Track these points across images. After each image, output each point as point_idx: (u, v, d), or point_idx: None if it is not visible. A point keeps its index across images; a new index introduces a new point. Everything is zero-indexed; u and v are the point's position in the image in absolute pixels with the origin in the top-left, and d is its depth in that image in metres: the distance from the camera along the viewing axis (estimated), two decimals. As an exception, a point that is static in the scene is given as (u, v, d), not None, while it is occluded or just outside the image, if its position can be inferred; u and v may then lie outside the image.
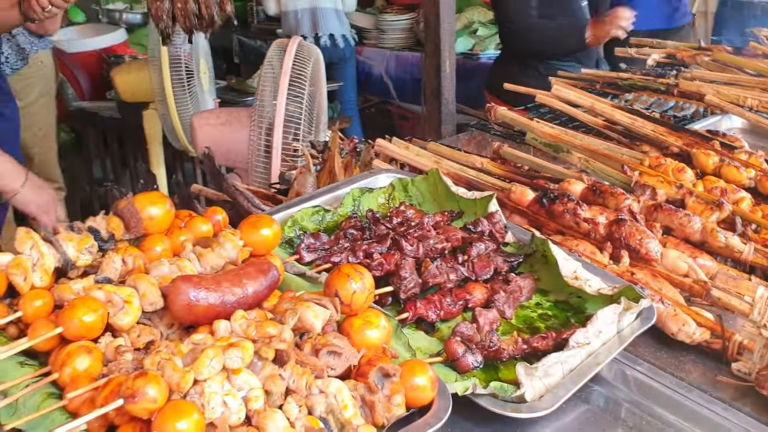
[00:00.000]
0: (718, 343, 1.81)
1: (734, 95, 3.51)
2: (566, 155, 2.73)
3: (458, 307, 1.75)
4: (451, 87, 4.46)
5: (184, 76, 5.45)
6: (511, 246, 2.03)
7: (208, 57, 5.83)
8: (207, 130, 5.01)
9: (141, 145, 5.98)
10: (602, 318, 1.67)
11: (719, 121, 3.48)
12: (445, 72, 4.46)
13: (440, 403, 1.39)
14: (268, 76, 4.65)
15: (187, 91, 5.52)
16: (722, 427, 1.56)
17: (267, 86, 4.64)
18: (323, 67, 4.79)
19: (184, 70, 5.46)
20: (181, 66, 5.40)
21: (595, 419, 1.62)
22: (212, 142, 4.98)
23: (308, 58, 4.68)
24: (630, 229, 2.07)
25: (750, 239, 2.14)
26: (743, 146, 2.71)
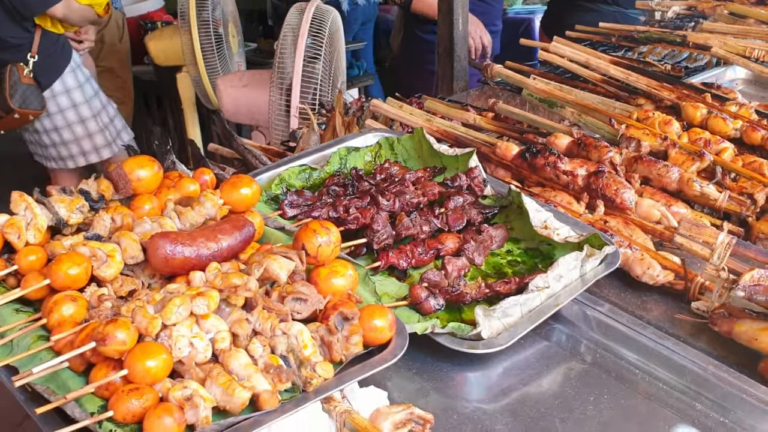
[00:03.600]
0: (681, 284, 1.91)
1: (741, 46, 3.52)
2: (560, 110, 2.80)
3: (430, 256, 1.87)
4: (464, 44, 4.50)
5: (213, 40, 5.62)
6: (490, 199, 2.14)
7: (236, 21, 6.00)
8: (231, 92, 5.23)
9: (177, 106, 6.24)
10: (563, 264, 1.77)
11: (723, 72, 3.50)
12: (458, 30, 4.50)
13: (397, 341, 1.52)
14: (287, 38, 4.78)
15: (216, 54, 5.70)
16: (671, 361, 1.66)
17: (287, 48, 4.77)
18: (341, 29, 4.89)
19: (212, 35, 5.63)
20: (209, 30, 5.57)
21: (554, 354, 1.73)
22: (236, 102, 5.21)
23: (326, 20, 4.79)
24: (607, 181, 2.16)
25: (727, 188, 2.21)
26: (736, 98, 2.75)
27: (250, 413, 1.32)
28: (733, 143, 2.44)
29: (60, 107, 4.23)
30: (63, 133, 4.31)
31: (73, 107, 4.29)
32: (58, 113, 4.24)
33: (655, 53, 4.10)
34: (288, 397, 1.36)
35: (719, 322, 1.72)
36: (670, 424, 1.53)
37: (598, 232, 1.90)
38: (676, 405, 1.58)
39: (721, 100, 2.68)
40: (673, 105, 2.71)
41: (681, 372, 1.64)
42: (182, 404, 1.26)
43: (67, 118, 4.30)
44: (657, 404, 1.58)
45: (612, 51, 4.19)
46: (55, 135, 4.33)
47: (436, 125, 2.55)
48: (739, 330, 1.67)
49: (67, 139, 4.35)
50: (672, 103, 2.72)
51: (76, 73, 4.28)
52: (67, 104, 4.24)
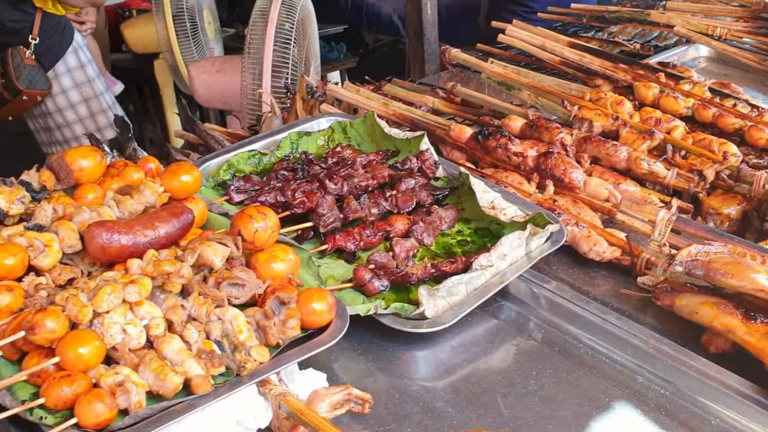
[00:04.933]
0: (628, 260, 1.93)
1: (704, 24, 3.54)
2: (518, 92, 2.81)
3: (378, 238, 1.88)
4: (433, 27, 4.53)
5: (188, 26, 5.64)
6: (442, 180, 2.15)
7: (212, 7, 6.02)
8: (204, 77, 5.28)
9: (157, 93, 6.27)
10: (506, 243, 1.78)
11: (686, 51, 3.52)
12: (427, 13, 4.52)
13: (337, 324, 1.53)
14: (258, 23, 4.79)
15: (191, 41, 5.72)
16: (614, 335, 1.67)
17: (257, 33, 4.78)
18: (312, 13, 4.91)
19: (187, 21, 5.64)
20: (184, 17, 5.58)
21: (500, 331, 1.75)
22: (209, 88, 5.23)
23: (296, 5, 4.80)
24: (556, 161, 2.17)
25: (676, 165, 2.22)
26: (691, 76, 2.76)
27: (184, 397, 1.32)
28: (685, 121, 2.45)
29: (63, 87, 4.26)
30: (67, 114, 4.33)
31: (76, 87, 4.33)
32: (61, 93, 4.26)
33: (625, 33, 4.12)
34: (222, 381, 1.37)
35: (662, 297, 1.73)
36: (610, 396, 1.55)
37: (542, 211, 1.92)
38: (618, 378, 1.60)
39: (676, 78, 2.70)
40: (629, 85, 2.72)
41: (623, 346, 1.66)
42: (114, 390, 1.27)
43: (71, 99, 4.32)
44: (599, 377, 1.60)
45: (583, 32, 4.22)
46: (59, 116, 4.35)
47: (393, 109, 2.55)
48: (680, 304, 1.69)
49: (71, 119, 4.37)
50: (627, 84, 2.73)
51: (78, 54, 4.31)
52: (69, 84, 4.27)
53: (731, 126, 2.37)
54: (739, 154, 2.22)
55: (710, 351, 1.65)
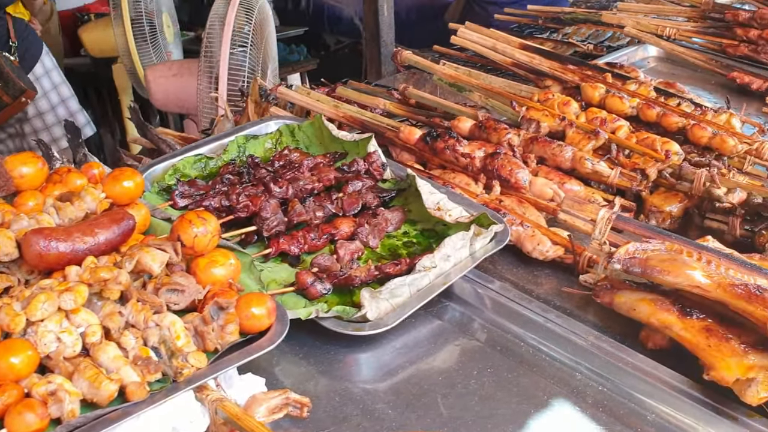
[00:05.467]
0: (571, 259, 1.95)
1: (654, 25, 3.60)
2: (469, 94, 2.83)
3: (323, 241, 1.89)
4: (390, 29, 4.55)
5: (147, 30, 5.61)
6: (390, 182, 2.16)
7: (171, 11, 5.99)
8: (160, 81, 5.27)
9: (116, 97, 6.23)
10: (449, 244, 1.80)
11: (635, 51, 3.57)
12: (384, 15, 4.54)
13: (277, 328, 1.53)
14: (215, 26, 4.78)
15: (150, 45, 5.69)
16: (554, 333, 1.70)
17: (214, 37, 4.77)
18: (270, 16, 4.91)
19: (146, 25, 5.61)
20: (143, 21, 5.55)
21: (444, 332, 1.76)
22: (166, 92, 5.22)
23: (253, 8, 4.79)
24: (502, 161, 2.19)
25: (619, 164, 2.26)
26: (638, 76, 2.80)
27: (119, 405, 1.32)
28: (630, 121, 2.49)
29: (43, 89, 4.30)
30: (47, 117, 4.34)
31: (54, 88, 4.39)
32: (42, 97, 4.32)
33: (579, 34, 4.16)
34: (158, 388, 1.37)
35: (602, 294, 1.76)
36: (549, 394, 1.57)
37: (486, 212, 1.94)
38: (557, 375, 1.63)
39: (623, 79, 2.73)
40: (578, 86, 2.76)
41: (563, 343, 1.68)
42: (46, 399, 1.26)
43: (51, 100, 4.37)
44: (538, 375, 1.62)
45: (539, 33, 4.26)
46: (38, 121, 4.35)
47: (343, 111, 2.55)
48: (619, 301, 1.72)
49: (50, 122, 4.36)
50: (576, 84, 2.76)
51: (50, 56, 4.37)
52: (48, 86, 4.34)
53: (674, 125, 2.41)
54: (681, 153, 2.26)
55: (648, 347, 1.68)
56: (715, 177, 2.02)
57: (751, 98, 2.95)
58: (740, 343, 1.53)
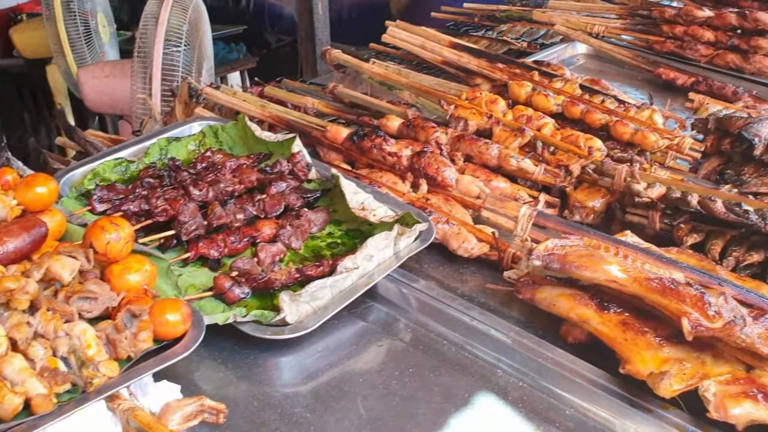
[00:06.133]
0: (496, 255, 1.96)
1: (583, 23, 3.65)
2: (399, 92, 2.82)
3: (244, 244, 1.86)
4: (325, 28, 4.53)
5: (81, 30, 5.50)
6: (315, 182, 2.14)
7: (107, 11, 5.89)
8: (93, 82, 5.19)
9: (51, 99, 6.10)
10: (372, 244, 1.79)
11: (565, 49, 3.61)
12: (318, 13, 4.52)
13: (193, 334, 1.50)
14: (148, 26, 4.70)
15: (85, 45, 5.58)
16: (476, 330, 1.70)
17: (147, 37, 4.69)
18: (205, 15, 4.86)
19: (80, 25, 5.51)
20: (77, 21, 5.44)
21: (368, 333, 1.75)
22: (99, 93, 5.13)
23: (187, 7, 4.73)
24: (428, 160, 2.19)
25: (544, 161, 2.28)
26: (564, 74, 2.83)
27: (25, 418, 1.28)
28: (556, 118, 2.52)
29: None
30: None
31: None
32: None
33: (513, 31, 4.19)
34: (67, 399, 1.33)
35: (523, 290, 1.77)
36: (470, 391, 1.57)
37: (411, 211, 1.93)
38: (479, 372, 1.63)
39: (550, 77, 2.76)
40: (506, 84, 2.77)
41: (485, 340, 1.69)
42: (-56, 415, 1.22)
43: None
44: (460, 374, 1.62)
45: (474, 31, 4.27)
46: None
47: (270, 111, 2.53)
48: (540, 297, 1.73)
49: None
50: (504, 83, 2.78)
51: None
52: None
53: (598, 122, 2.44)
54: (603, 149, 2.29)
55: (569, 341, 1.69)
56: (634, 172, 2.05)
57: (676, 93, 3.00)
58: (656, 337, 1.55)
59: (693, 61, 3.28)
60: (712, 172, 2.28)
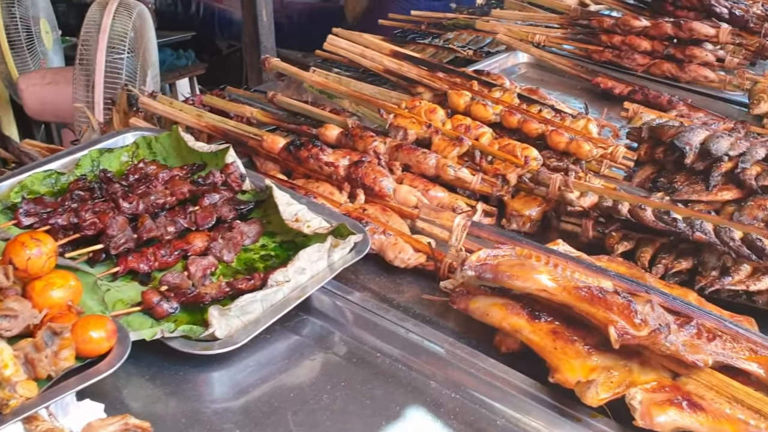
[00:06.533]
0: (433, 266, 1.96)
1: (525, 32, 3.68)
2: (339, 101, 2.82)
3: (175, 258, 1.83)
4: (270, 34, 4.50)
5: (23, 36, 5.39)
6: (249, 194, 2.11)
7: (51, 16, 5.78)
8: (35, 90, 5.12)
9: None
10: (305, 257, 1.77)
11: (507, 58, 3.64)
12: (263, 20, 4.49)
13: (117, 350, 1.47)
14: (91, 33, 4.64)
15: (27, 51, 5.47)
16: (410, 341, 1.70)
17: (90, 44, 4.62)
18: (149, 21, 4.81)
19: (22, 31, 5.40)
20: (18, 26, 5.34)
21: (301, 347, 1.73)
22: (41, 101, 5.06)
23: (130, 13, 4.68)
24: (366, 170, 2.18)
25: (482, 170, 2.29)
26: (503, 83, 2.85)
27: (-65, 443, 1.23)
28: (494, 127, 2.53)
29: None
30: None
31: None
32: None
33: (460, 39, 4.21)
34: (-19, 422, 1.29)
35: (458, 301, 1.77)
36: (402, 404, 1.56)
37: (346, 221, 1.92)
38: (412, 384, 1.62)
39: (489, 86, 2.78)
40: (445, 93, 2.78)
41: (418, 352, 1.68)
42: None
43: None
44: (393, 386, 1.61)
45: (421, 38, 4.28)
46: None
47: (206, 120, 2.49)
48: (473, 306, 1.73)
49: None
50: (444, 92, 2.79)
51: None
52: None
53: (535, 131, 2.46)
54: (539, 158, 2.31)
55: (502, 351, 1.70)
56: (568, 181, 2.07)
57: (614, 103, 3.04)
58: (584, 345, 1.56)
59: (630, 71, 3.33)
60: (646, 180, 2.32)
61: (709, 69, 3.24)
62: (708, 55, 3.23)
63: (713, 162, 2.21)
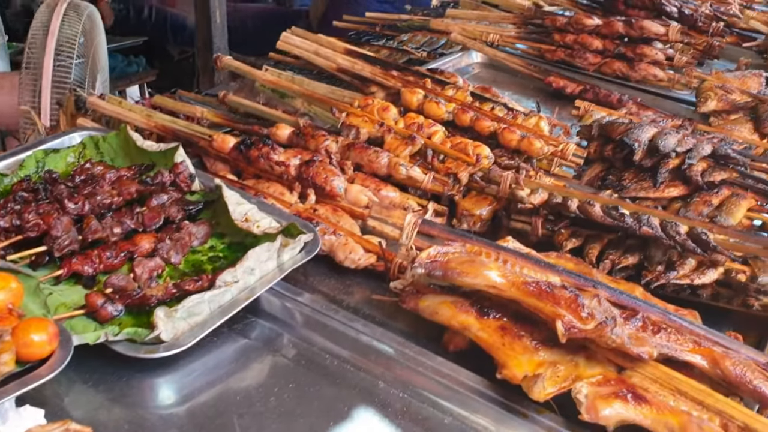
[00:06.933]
0: (383, 266, 1.95)
1: (479, 31, 3.70)
2: (291, 100, 2.80)
3: (120, 259, 1.79)
4: (223, 36, 4.46)
5: (-36, 41, 5.28)
6: (199, 194, 2.09)
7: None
8: None
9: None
10: (253, 257, 1.75)
11: (461, 58, 3.65)
12: (216, 22, 4.45)
13: (59, 354, 1.43)
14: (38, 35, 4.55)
15: (-31, 56, 5.37)
16: (359, 342, 1.69)
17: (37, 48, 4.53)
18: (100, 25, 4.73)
19: (-38, 36, 5.29)
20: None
21: (248, 350, 1.71)
22: (-18, 107, 4.88)
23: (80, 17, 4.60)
24: (317, 169, 2.17)
25: (434, 169, 2.29)
26: (456, 82, 2.86)
27: None
28: (447, 126, 2.53)
29: None
30: None
31: None
32: None
33: (414, 41, 4.21)
34: None
35: (407, 300, 1.76)
36: (350, 405, 1.55)
37: (296, 221, 1.90)
38: (361, 385, 1.61)
39: (442, 84, 2.78)
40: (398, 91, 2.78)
41: (367, 352, 1.68)
42: None
43: None
44: (342, 388, 1.60)
45: (375, 40, 4.28)
46: None
47: (155, 120, 2.46)
48: (423, 305, 1.72)
49: None
50: (397, 90, 2.78)
51: None
52: None
53: (487, 129, 2.47)
54: (491, 156, 2.31)
55: (450, 349, 1.70)
56: (519, 179, 2.07)
57: (566, 102, 3.07)
58: (532, 341, 1.57)
59: (582, 70, 3.37)
60: (595, 178, 2.34)
61: (658, 68, 3.29)
62: (658, 54, 3.28)
63: (661, 159, 2.24)
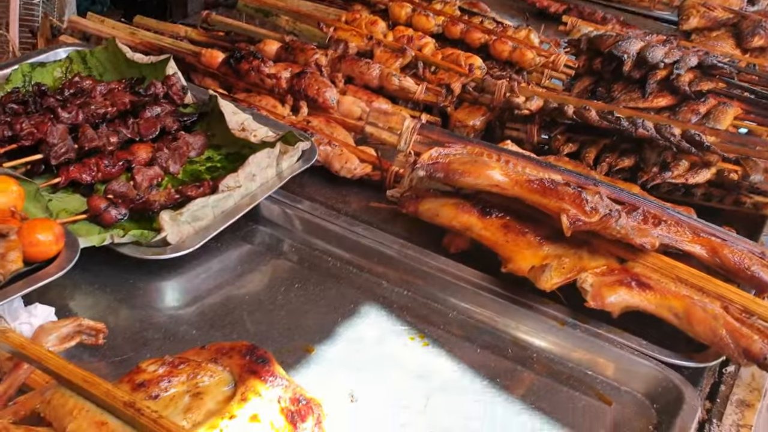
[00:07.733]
0: (379, 175, 1.96)
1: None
2: (276, 19, 2.76)
3: (118, 168, 1.77)
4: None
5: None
6: (192, 107, 2.06)
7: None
8: None
9: None
10: (254, 163, 1.75)
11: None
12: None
13: (66, 254, 1.43)
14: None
15: None
16: (360, 244, 1.72)
17: (2, -14, 4.41)
18: (67, -42, 4.59)
19: None
20: None
21: (252, 254, 1.73)
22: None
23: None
24: (309, 81, 2.15)
25: (426, 80, 2.28)
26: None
27: None
28: (436, 38, 2.52)
29: None
30: None
31: None
32: None
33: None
34: (-72, 325, 1.24)
35: (407, 205, 1.77)
36: (356, 302, 1.58)
37: (293, 130, 1.90)
38: (364, 285, 1.64)
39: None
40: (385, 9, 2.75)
41: (369, 254, 1.70)
42: None
43: None
44: (346, 286, 1.63)
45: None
46: None
47: (141, 38, 2.41)
48: (423, 209, 1.74)
49: None
50: (384, 7, 2.75)
51: None
52: None
53: (478, 41, 2.46)
54: (483, 67, 2.32)
55: (451, 251, 1.72)
56: (514, 86, 2.08)
57: (549, 21, 3.05)
58: (535, 236, 1.59)
59: (566, -12, 3.34)
60: (584, 91, 2.35)
61: (641, -14, 3.28)
62: (640, -28, 3.27)
63: (649, 70, 2.25)
